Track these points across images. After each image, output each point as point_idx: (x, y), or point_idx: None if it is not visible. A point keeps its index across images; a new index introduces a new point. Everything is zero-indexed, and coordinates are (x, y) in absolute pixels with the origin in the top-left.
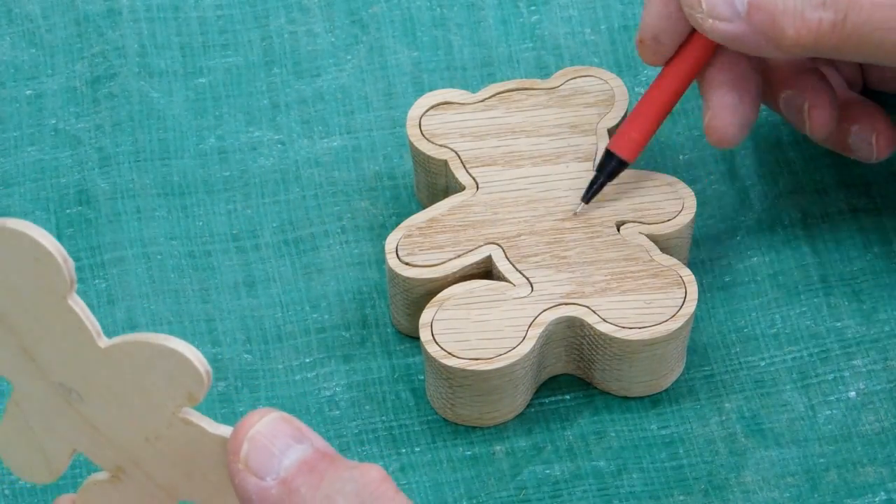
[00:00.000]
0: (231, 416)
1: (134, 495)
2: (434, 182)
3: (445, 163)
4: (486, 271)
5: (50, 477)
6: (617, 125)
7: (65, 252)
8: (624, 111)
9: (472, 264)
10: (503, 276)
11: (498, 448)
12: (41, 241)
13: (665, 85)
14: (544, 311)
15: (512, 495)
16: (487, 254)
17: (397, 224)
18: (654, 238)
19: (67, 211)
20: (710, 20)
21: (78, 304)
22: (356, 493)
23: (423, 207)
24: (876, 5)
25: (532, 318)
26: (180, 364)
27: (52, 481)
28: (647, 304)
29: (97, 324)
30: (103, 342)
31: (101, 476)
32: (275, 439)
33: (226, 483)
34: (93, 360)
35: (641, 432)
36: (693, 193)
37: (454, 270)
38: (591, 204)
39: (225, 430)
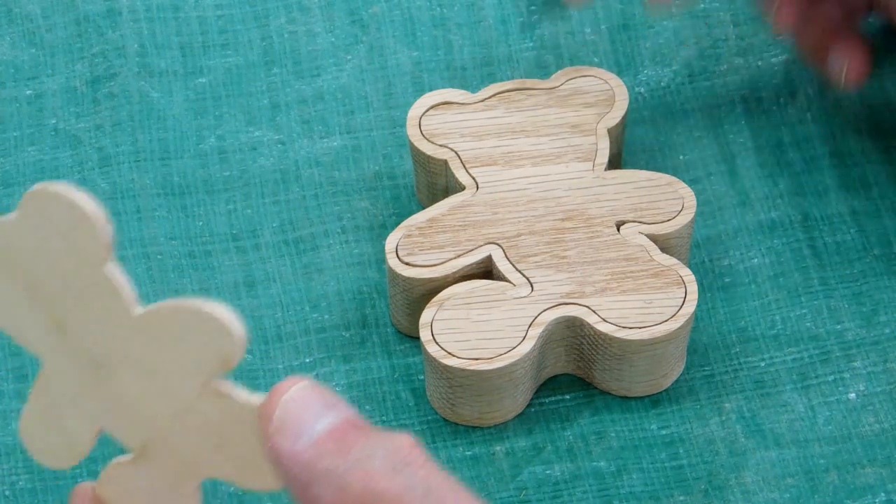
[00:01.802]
0: None
1: (159, 475)
2: (434, 182)
3: (445, 163)
4: (486, 271)
5: (71, 461)
6: (617, 125)
7: (105, 216)
8: (624, 111)
9: (472, 264)
10: (503, 276)
11: (498, 448)
12: (82, 204)
13: None
14: (544, 311)
15: (512, 495)
16: (487, 254)
17: (397, 224)
18: (654, 238)
19: None
20: None
21: (114, 271)
22: (387, 458)
23: (423, 207)
24: None
25: (532, 318)
26: (215, 327)
27: (73, 465)
28: (647, 304)
29: (132, 291)
30: (137, 310)
31: (124, 458)
32: (307, 406)
33: (254, 455)
34: (126, 329)
35: (641, 432)
36: (693, 193)
37: (454, 270)
38: (591, 204)
39: (256, 399)
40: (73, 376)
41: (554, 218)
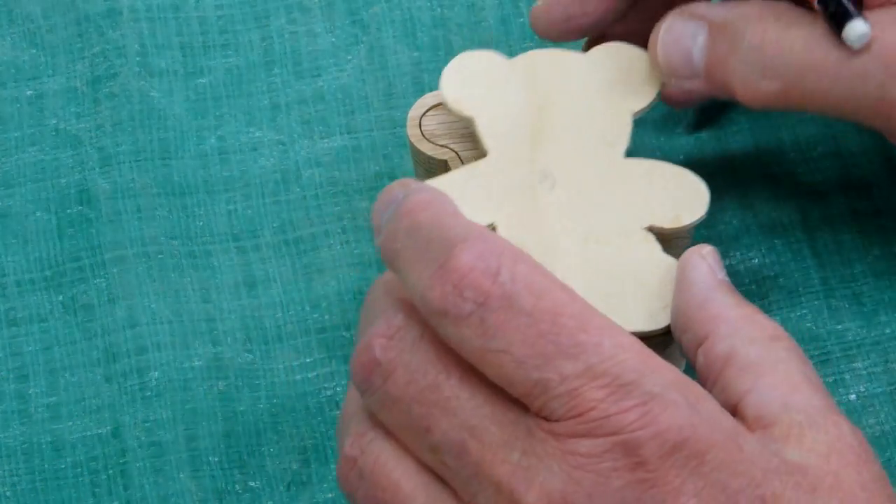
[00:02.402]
0: (231, 416)
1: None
2: None
3: (445, 163)
4: None
5: None
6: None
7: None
8: None
9: None
10: None
11: None
12: (644, 56)
13: None
14: None
15: None
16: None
17: None
18: (658, 236)
19: (68, 210)
20: (672, 78)
21: (630, 122)
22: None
23: None
24: (820, 77)
25: None
26: (689, 185)
27: None
28: None
29: (629, 140)
30: (621, 155)
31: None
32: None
33: (643, 300)
34: (602, 164)
35: None
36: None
37: None
38: None
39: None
40: (506, 176)
41: None
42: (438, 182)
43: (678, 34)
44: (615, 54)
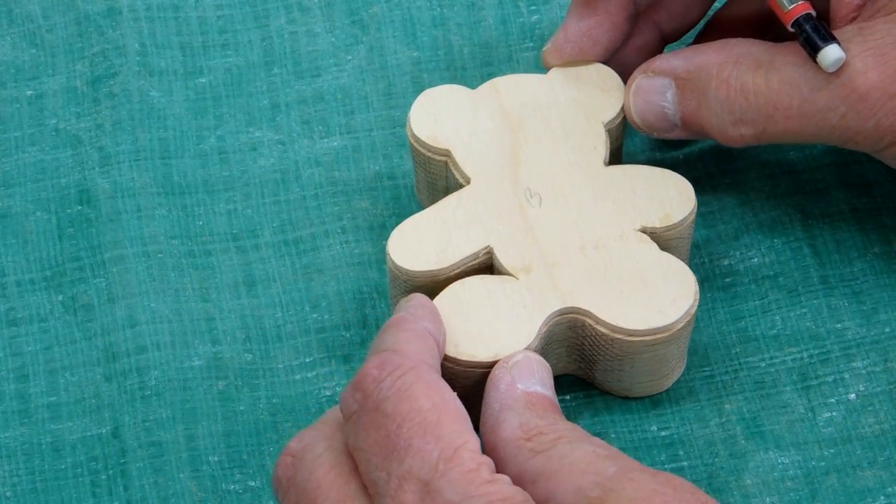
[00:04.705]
0: (231, 416)
1: (518, 293)
2: (434, 182)
3: (445, 163)
4: (487, 266)
5: (431, 263)
6: (617, 124)
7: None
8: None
9: (472, 255)
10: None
11: None
12: (612, 75)
13: None
14: (544, 311)
15: None
16: (487, 245)
17: (397, 224)
18: (654, 238)
19: (68, 210)
20: (653, 133)
21: (602, 130)
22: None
23: (423, 207)
24: (788, 118)
25: (532, 318)
26: (673, 184)
27: (428, 267)
28: None
29: (606, 149)
30: (602, 164)
31: (484, 276)
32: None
33: (634, 296)
34: (584, 174)
35: (641, 433)
36: (693, 193)
37: (455, 261)
38: None
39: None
40: (496, 197)
41: None
42: (426, 214)
43: (647, 93)
44: (574, 72)
